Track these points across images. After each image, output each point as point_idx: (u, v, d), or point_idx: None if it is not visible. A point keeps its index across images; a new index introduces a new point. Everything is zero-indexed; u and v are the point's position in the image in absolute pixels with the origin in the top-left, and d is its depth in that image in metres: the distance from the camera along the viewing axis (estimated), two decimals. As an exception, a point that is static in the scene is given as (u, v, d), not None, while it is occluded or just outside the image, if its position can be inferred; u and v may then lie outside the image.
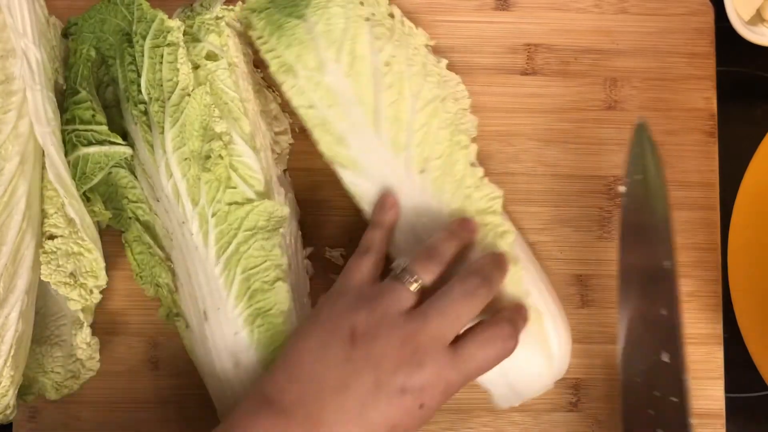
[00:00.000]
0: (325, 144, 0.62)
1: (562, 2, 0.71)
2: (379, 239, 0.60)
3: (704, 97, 0.70)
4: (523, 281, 0.60)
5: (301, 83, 0.62)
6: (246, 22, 0.64)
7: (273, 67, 0.63)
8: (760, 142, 0.62)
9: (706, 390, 0.67)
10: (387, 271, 0.60)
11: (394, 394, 0.52)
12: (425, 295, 0.56)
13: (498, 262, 0.59)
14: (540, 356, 0.60)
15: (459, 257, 0.60)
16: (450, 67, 0.65)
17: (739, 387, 0.69)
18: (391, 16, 0.64)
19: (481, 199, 0.61)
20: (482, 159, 0.68)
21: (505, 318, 0.57)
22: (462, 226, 0.60)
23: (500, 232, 0.61)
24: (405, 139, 0.61)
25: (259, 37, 0.63)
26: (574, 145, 0.69)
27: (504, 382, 0.60)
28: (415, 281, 0.56)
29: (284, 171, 0.68)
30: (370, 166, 0.62)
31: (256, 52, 0.65)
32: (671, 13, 0.71)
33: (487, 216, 0.61)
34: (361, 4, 0.62)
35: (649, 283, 0.58)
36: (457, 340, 0.55)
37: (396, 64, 0.62)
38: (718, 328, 0.68)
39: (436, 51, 0.68)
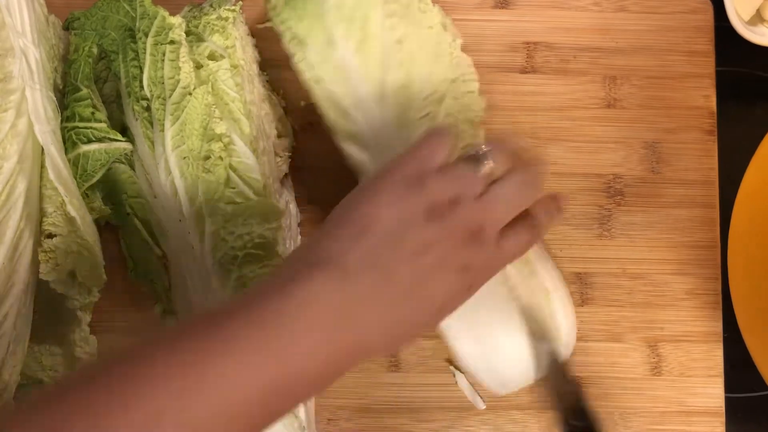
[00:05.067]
0: (330, 117, 0.62)
1: (561, 0, 0.71)
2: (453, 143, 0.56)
3: (703, 95, 0.70)
4: (531, 259, 0.60)
5: (311, 57, 0.62)
6: None
7: (285, 38, 0.62)
8: (760, 142, 0.62)
9: (706, 388, 0.67)
10: None
11: (456, 271, 0.51)
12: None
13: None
14: (546, 334, 0.60)
15: None
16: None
17: (739, 387, 0.69)
18: None
19: None
20: (482, 157, 0.68)
21: (540, 209, 0.56)
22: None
23: None
24: (411, 116, 0.61)
25: (274, 8, 0.63)
26: (573, 143, 0.69)
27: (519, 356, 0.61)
28: (488, 167, 0.54)
29: (286, 175, 0.68)
30: (372, 139, 0.61)
31: (261, 53, 0.64)
32: (670, 11, 0.71)
33: None
34: None
35: None
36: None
37: (408, 43, 0.61)
38: (718, 326, 0.67)
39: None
